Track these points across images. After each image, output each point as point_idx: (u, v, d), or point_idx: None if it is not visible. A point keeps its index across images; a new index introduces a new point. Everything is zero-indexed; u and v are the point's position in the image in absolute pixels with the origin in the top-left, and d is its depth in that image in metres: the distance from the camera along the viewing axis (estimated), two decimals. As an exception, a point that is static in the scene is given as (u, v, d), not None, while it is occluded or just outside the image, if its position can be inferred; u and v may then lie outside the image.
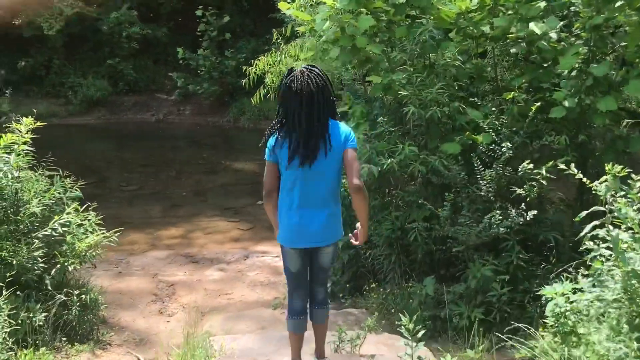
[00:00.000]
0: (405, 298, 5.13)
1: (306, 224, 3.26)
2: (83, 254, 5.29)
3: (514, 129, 5.12)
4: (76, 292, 5.16)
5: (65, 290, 5.13)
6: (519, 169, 4.80)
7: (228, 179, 12.62)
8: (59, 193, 5.58)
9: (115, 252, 8.58)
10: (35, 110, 6.92)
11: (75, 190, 5.87)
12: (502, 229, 4.66)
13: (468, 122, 5.30)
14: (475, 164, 4.92)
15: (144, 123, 18.61)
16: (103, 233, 5.57)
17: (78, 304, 5.10)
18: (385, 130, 5.58)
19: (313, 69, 3.22)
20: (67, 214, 5.19)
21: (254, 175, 12.88)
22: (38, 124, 5.85)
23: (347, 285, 5.95)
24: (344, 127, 3.33)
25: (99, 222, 5.79)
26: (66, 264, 5.14)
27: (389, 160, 4.94)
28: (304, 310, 3.49)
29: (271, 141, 3.35)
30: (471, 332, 4.50)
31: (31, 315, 4.81)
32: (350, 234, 3.53)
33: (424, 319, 4.79)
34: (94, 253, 5.39)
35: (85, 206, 5.97)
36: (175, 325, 5.95)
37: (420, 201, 5.12)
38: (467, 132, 5.17)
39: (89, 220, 5.57)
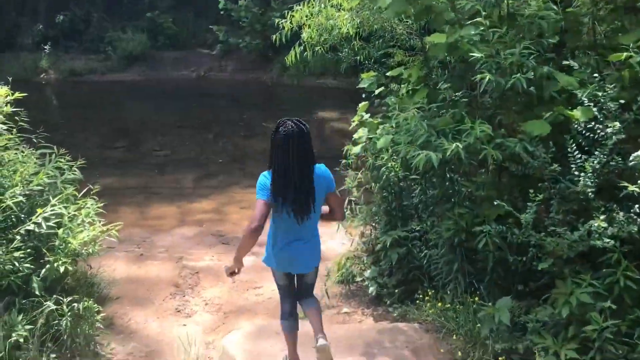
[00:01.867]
0: (470, 319, 4.04)
1: (294, 257, 3.67)
2: (77, 251, 4.38)
3: (623, 101, 3.84)
4: (68, 298, 4.28)
5: (54, 296, 4.25)
6: (630, 158, 3.58)
7: (268, 143, 11.58)
8: (52, 176, 4.64)
9: (140, 229, 7.80)
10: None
11: (74, 172, 4.94)
12: (606, 239, 3.47)
13: (560, 93, 4.05)
14: (570, 150, 3.71)
15: (183, 80, 17.75)
16: (103, 225, 4.65)
17: (70, 313, 4.23)
18: (448, 100, 4.40)
19: (300, 121, 3.50)
20: (54, 205, 4.24)
21: (295, 140, 11.87)
22: (17, 94, 4.86)
23: (396, 291, 4.88)
24: (324, 169, 3.61)
25: (100, 209, 4.88)
26: (56, 264, 4.25)
27: (454, 144, 3.77)
28: (293, 312, 3.95)
29: (266, 182, 3.49)
30: (560, 374, 3.41)
31: (10, 328, 3.97)
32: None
33: (495, 354, 3.71)
34: (90, 250, 4.47)
35: (85, 190, 5.07)
36: (192, 330, 5.04)
37: (493, 197, 3.95)
38: (559, 106, 3.93)
39: (87, 209, 4.63)
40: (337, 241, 6.82)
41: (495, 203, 3.86)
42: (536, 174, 3.86)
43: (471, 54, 3.96)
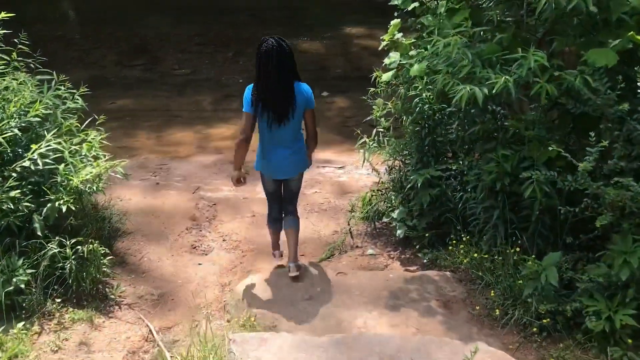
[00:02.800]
0: (510, 272, 3.64)
1: (279, 161, 4.04)
2: (79, 189, 4.02)
3: None
4: (72, 240, 3.97)
5: (57, 238, 3.95)
6: None
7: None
8: (50, 106, 4.23)
9: (157, 155, 7.45)
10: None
11: (77, 100, 4.50)
12: (677, 193, 2.98)
13: (630, 14, 3.42)
14: (640, 85, 3.14)
15: (203, -8, 16.83)
16: (107, 160, 4.27)
17: (74, 256, 3.93)
18: (495, 22, 3.79)
19: (282, 38, 3.81)
20: (49, 141, 3.85)
21: (320, 59, 11.19)
22: (3, 14, 4.37)
23: (426, 234, 4.47)
24: (306, 88, 3.95)
25: (104, 142, 4.49)
26: (58, 202, 3.91)
27: (502, 78, 3.21)
28: (278, 217, 4.40)
29: (249, 94, 3.90)
30: (611, 341, 3.03)
31: (11, 272, 3.71)
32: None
33: (538, 315, 3.33)
34: (95, 187, 4.11)
35: (88, 121, 4.66)
36: (208, 271, 4.76)
37: (544, 137, 3.44)
38: (629, 32, 3.32)
39: (89, 144, 4.23)
40: (363, 172, 6.42)
41: (547, 143, 3.35)
42: (597, 113, 3.31)
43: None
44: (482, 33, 3.81)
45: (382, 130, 5.20)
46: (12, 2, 15.96)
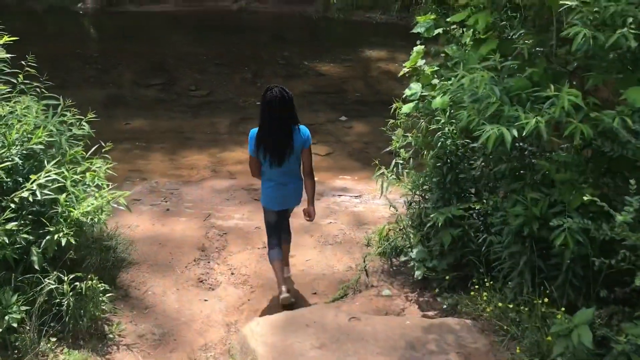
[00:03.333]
0: (537, 325, 3.34)
1: (282, 196, 4.50)
2: (80, 221, 3.82)
3: None
4: (71, 275, 3.76)
5: (55, 273, 3.75)
6: None
7: (309, 85, 10.80)
8: (54, 133, 4.05)
9: (169, 179, 7.27)
10: None
11: (83, 126, 4.34)
12: None
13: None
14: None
15: (224, 12, 16.83)
16: (110, 190, 4.07)
17: (72, 293, 3.73)
18: (526, 55, 3.54)
19: (284, 88, 4.24)
20: (49, 171, 3.66)
21: (339, 82, 11.01)
22: (6, 38, 4.23)
23: (447, 277, 4.20)
24: (304, 131, 4.32)
25: (110, 171, 4.29)
26: (57, 235, 3.71)
27: (534, 119, 2.96)
28: (278, 243, 4.68)
29: (252, 138, 4.35)
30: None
31: (4, 309, 3.50)
32: (305, 214, 4.64)
33: (570, 377, 3.02)
34: (96, 219, 3.91)
35: (94, 148, 4.47)
36: (214, 308, 4.53)
37: (576, 181, 3.17)
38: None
39: (92, 173, 4.04)
40: (380, 202, 6.17)
41: (580, 189, 3.08)
42: (637, 157, 3.04)
43: (562, 1, 3.07)
44: (510, 67, 3.56)
45: (401, 162, 4.95)
46: (35, 19, 16.12)
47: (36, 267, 3.71)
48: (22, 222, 3.69)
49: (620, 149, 3.08)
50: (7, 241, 3.57)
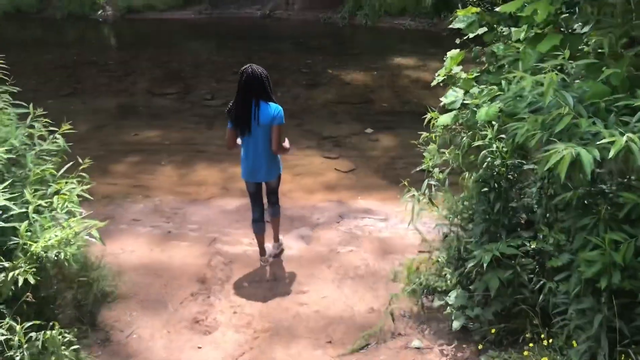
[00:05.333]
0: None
1: (254, 167, 4.72)
2: (41, 257, 3.11)
3: None
4: (27, 324, 3.05)
5: (7, 321, 3.04)
6: None
7: (332, 94, 10.05)
8: (20, 148, 3.36)
9: (175, 196, 6.57)
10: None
11: (56, 139, 3.65)
12: None
13: None
14: None
15: (248, 19, 16.28)
16: (83, 222, 3.35)
17: (27, 345, 3.01)
18: (606, 52, 2.74)
19: (257, 67, 4.51)
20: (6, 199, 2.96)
21: (365, 91, 10.23)
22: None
23: (492, 330, 3.37)
24: (275, 108, 4.53)
25: (85, 193, 3.58)
26: (13, 273, 3.01)
27: (623, 137, 2.15)
28: (261, 218, 4.99)
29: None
30: None
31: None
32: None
33: None
34: (63, 255, 3.20)
35: (67, 166, 3.77)
36: (208, 356, 3.78)
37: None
38: None
39: (62, 196, 3.34)
40: (409, 228, 5.40)
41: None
42: None
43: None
44: (580, 68, 2.75)
45: (435, 183, 4.16)
46: (53, 27, 15.70)
47: (-11, 313, 3.02)
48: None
49: None
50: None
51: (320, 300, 4.48)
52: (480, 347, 3.45)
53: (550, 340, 3.09)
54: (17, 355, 3.00)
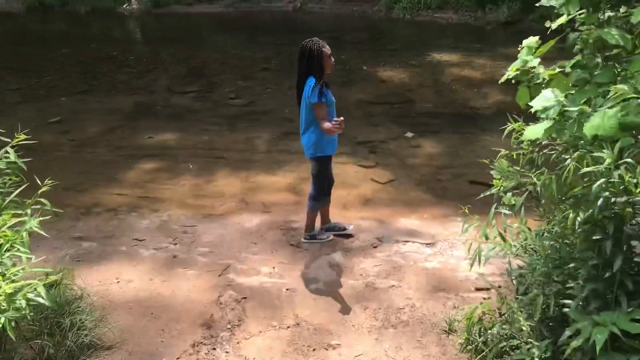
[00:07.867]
0: None
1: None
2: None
3: None
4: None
5: None
6: None
7: (367, 93, 9.06)
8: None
9: (186, 211, 5.66)
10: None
11: (7, 154, 2.76)
12: None
13: None
14: None
15: (279, 13, 15.43)
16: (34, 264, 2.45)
17: None
18: None
19: (313, 41, 4.45)
20: None
21: (403, 90, 9.20)
22: None
23: None
24: (308, 82, 4.45)
25: (38, 229, 2.67)
26: None
27: None
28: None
29: None
30: None
31: None
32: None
33: None
34: (11, 313, 2.30)
35: (22, 187, 2.86)
36: None
37: None
38: None
39: (5, 234, 2.44)
40: (462, 255, 4.45)
41: None
42: None
43: None
44: None
45: (506, 211, 3.13)
46: (78, 21, 15.12)
47: None
48: None
49: None
50: None
51: (354, 357, 3.50)
52: None
53: None
54: None
